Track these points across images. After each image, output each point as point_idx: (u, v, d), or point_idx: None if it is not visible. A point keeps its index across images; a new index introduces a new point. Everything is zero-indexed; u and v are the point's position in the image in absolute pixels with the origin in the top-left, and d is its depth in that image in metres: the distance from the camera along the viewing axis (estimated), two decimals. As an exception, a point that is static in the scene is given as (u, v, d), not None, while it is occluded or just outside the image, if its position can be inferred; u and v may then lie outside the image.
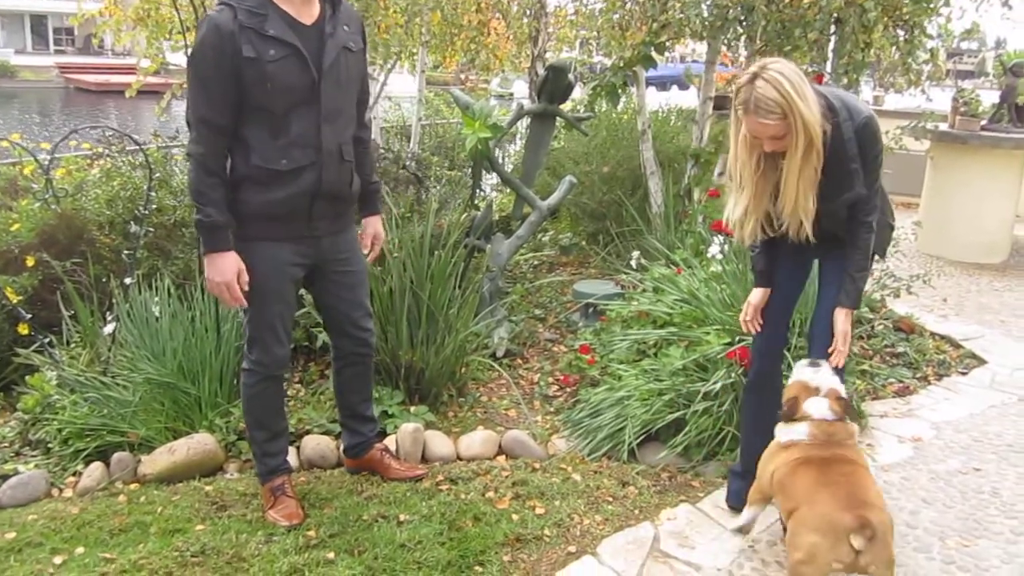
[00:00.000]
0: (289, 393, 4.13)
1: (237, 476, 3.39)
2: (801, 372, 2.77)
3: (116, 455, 3.39)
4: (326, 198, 2.88)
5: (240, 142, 2.75)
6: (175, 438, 3.47)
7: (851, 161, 2.63)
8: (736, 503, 3.16)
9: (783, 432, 2.72)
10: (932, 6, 5.10)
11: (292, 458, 3.47)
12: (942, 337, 5.19)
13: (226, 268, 2.75)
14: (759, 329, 3.01)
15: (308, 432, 3.63)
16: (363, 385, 3.32)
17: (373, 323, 3.26)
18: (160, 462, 3.35)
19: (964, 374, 4.70)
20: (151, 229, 4.26)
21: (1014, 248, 7.59)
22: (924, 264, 6.93)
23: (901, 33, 5.32)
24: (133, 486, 3.29)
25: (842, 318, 2.78)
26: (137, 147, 4.70)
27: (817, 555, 2.34)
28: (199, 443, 3.42)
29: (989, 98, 7.80)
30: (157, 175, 4.53)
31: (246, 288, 2.81)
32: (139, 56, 6.78)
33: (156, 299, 3.81)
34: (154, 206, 4.34)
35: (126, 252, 4.01)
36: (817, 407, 2.66)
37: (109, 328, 3.78)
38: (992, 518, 3.20)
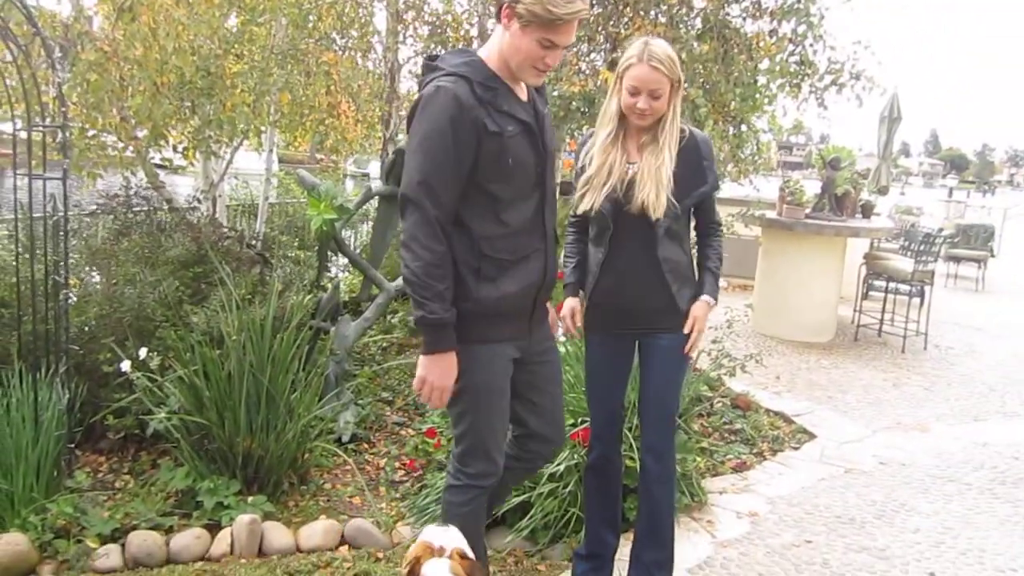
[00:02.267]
0: (117, 485, 3.89)
1: (52, 579, 3.12)
2: (427, 533, 2.48)
3: (-92, 561, 3.07)
4: (547, 288, 2.65)
5: (463, 230, 2.47)
6: (-19, 539, 3.17)
7: (704, 159, 2.93)
8: (581, 586, 3.16)
9: None
10: (756, 104, 5.50)
11: (116, 557, 3.25)
12: (776, 413, 5.45)
13: (449, 370, 2.45)
14: (577, 336, 3.14)
15: (135, 527, 3.40)
16: (508, 492, 3.12)
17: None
18: (-39, 567, 3.05)
19: (796, 449, 4.93)
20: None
21: (839, 327, 8.10)
22: (758, 343, 7.30)
23: (731, 128, 5.70)
24: (-72, 596, 2.99)
25: (702, 310, 2.89)
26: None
27: None
28: (9, 543, 3.15)
29: (814, 187, 8.41)
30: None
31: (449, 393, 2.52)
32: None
33: (-34, 386, 3.52)
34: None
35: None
36: (437, 569, 2.34)
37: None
38: (823, 590, 3.33)
